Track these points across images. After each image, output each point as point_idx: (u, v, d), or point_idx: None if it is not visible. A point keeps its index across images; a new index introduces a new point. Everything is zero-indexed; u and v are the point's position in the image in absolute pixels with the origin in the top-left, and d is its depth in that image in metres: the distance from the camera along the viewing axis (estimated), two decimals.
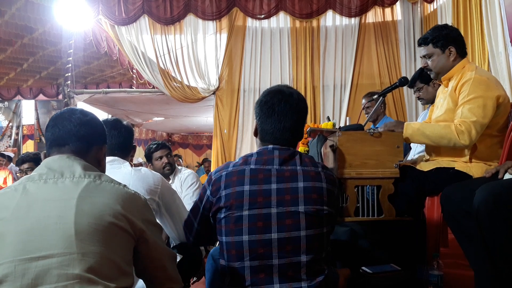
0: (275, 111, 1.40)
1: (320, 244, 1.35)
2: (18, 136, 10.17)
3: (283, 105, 1.41)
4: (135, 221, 1.08)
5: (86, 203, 1.02)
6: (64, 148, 1.15)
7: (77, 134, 1.16)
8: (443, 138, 1.90)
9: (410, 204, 1.99)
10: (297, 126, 1.44)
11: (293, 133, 1.43)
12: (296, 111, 1.42)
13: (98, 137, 1.23)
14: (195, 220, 1.45)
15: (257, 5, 6.03)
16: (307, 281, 1.31)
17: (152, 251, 1.15)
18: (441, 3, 5.29)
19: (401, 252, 1.90)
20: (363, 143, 1.93)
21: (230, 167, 1.39)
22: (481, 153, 1.95)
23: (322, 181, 1.37)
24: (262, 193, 1.33)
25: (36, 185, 1.05)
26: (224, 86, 6.09)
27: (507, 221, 1.43)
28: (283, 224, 1.31)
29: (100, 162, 1.24)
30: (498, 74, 3.85)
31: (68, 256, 0.95)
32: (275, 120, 1.40)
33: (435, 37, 2.03)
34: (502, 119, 1.97)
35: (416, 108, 5.79)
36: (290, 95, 1.43)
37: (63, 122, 1.16)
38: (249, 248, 1.30)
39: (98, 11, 5.86)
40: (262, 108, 1.43)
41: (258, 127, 1.46)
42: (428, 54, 2.06)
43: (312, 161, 1.42)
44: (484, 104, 1.87)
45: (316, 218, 1.34)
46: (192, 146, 14.92)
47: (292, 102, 1.42)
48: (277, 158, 1.38)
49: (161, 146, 3.30)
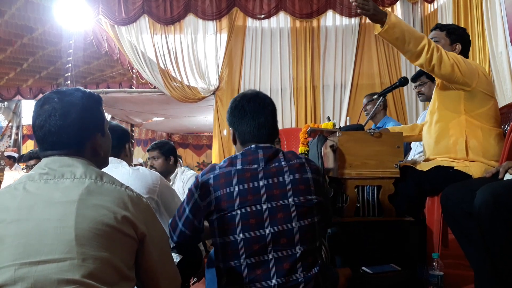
0: (246, 111, 1.47)
1: (312, 234, 1.37)
2: (18, 136, 10.18)
3: (252, 103, 1.48)
4: (137, 224, 1.05)
5: (87, 206, 1.00)
6: (56, 147, 1.10)
7: (64, 134, 1.10)
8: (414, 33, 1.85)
9: (410, 204, 1.99)
10: (271, 121, 1.49)
11: (270, 128, 1.48)
12: (265, 106, 1.49)
13: (88, 130, 1.15)
14: (180, 221, 1.46)
15: (257, 5, 6.03)
16: (303, 273, 1.32)
17: (148, 261, 1.11)
18: (441, 3, 5.29)
19: (401, 252, 1.90)
20: (363, 143, 1.93)
21: (216, 170, 1.41)
22: (476, 148, 1.96)
23: (307, 171, 1.42)
24: (251, 191, 1.35)
25: (36, 185, 1.03)
26: (224, 86, 6.09)
27: (507, 222, 1.43)
28: (275, 219, 1.33)
29: (97, 151, 1.17)
30: (499, 74, 3.85)
31: (68, 261, 0.94)
32: (249, 118, 1.47)
33: (452, 29, 2.10)
34: (491, 109, 1.99)
35: (416, 108, 5.79)
36: (256, 94, 1.51)
37: (48, 120, 1.09)
38: (244, 246, 1.32)
39: (98, 11, 5.86)
40: (233, 113, 1.50)
41: (235, 133, 1.51)
42: (437, 38, 2.10)
43: (294, 155, 1.47)
44: (464, 60, 1.92)
45: (307, 208, 1.37)
46: (192, 146, 14.92)
47: (259, 100, 1.49)
48: (261, 156, 1.42)
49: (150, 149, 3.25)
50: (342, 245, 1.92)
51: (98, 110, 1.20)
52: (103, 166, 1.21)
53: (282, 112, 5.98)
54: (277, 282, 1.30)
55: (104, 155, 1.22)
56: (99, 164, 1.19)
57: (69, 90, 1.16)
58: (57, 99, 1.12)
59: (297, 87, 5.99)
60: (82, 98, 1.15)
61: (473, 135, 1.96)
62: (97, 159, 1.18)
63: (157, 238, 1.14)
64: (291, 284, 1.31)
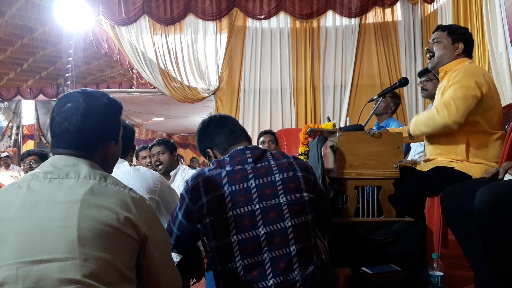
0: (210, 127, 1.57)
1: (307, 232, 1.37)
2: (18, 136, 10.18)
3: (214, 121, 1.58)
4: (139, 226, 1.06)
5: (90, 207, 1.00)
6: (70, 146, 1.11)
7: (81, 135, 1.11)
8: (429, 119, 1.95)
9: (410, 205, 2.00)
10: (239, 125, 1.57)
11: (241, 130, 1.55)
12: (226, 117, 1.60)
13: (104, 136, 1.17)
14: (174, 226, 1.47)
15: (257, 6, 6.03)
16: (299, 271, 1.32)
17: (149, 263, 1.11)
18: (441, 4, 5.30)
19: (401, 252, 1.90)
20: (363, 143, 1.93)
21: (205, 173, 1.41)
22: (477, 150, 1.95)
23: (297, 170, 1.42)
24: (243, 192, 1.35)
25: (40, 184, 1.03)
26: (224, 86, 6.09)
27: (507, 222, 1.43)
28: (268, 218, 1.33)
29: (107, 158, 1.19)
30: (499, 75, 3.85)
31: (70, 261, 0.94)
32: (217, 129, 1.54)
33: (453, 29, 2.11)
34: (495, 114, 1.97)
35: (416, 108, 5.79)
36: (213, 116, 1.63)
37: (68, 118, 1.10)
38: (239, 248, 1.31)
39: (98, 11, 5.86)
40: (201, 136, 1.58)
41: (212, 150, 1.55)
42: (439, 39, 2.12)
43: (282, 154, 1.48)
44: (467, 85, 1.90)
45: (299, 206, 1.37)
46: (192, 146, 14.92)
47: (217, 117, 1.60)
48: (250, 157, 1.43)
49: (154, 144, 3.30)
50: (342, 245, 1.92)
51: (117, 118, 1.22)
52: (107, 172, 1.21)
53: (282, 113, 5.99)
54: (274, 282, 1.30)
55: (113, 162, 1.24)
56: (105, 169, 1.18)
57: (96, 93, 1.17)
58: (82, 100, 1.12)
59: (297, 87, 6.00)
60: (106, 105, 1.17)
61: (475, 138, 1.94)
62: (105, 165, 1.18)
63: (159, 240, 1.14)
64: (288, 283, 1.31)
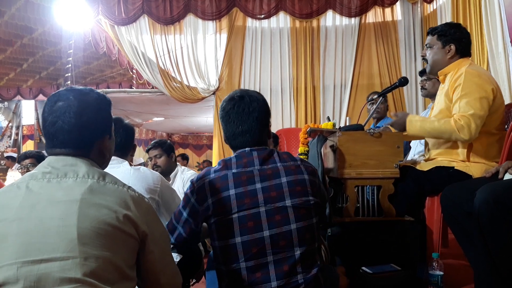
0: (230, 117, 1.45)
1: (311, 236, 1.37)
2: (18, 136, 10.17)
3: (237, 109, 1.45)
4: (139, 224, 1.06)
5: (89, 206, 1.01)
6: (66, 146, 1.11)
7: (76, 132, 1.11)
8: (444, 133, 1.93)
9: (410, 204, 1.99)
10: (256, 127, 1.45)
11: (253, 135, 1.44)
12: (249, 112, 1.44)
13: (99, 132, 1.17)
14: (178, 224, 1.46)
15: (257, 5, 6.03)
16: (303, 274, 1.32)
17: (149, 261, 1.12)
18: (440, 3, 5.30)
19: (401, 252, 1.90)
20: (363, 143, 1.93)
21: (211, 174, 1.40)
22: (479, 151, 1.96)
23: (303, 173, 1.41)
24: (248, 194, 1.35)
25: (39, 184, 1.04)
26: (224, 86, 6.08)
27: (507, 222, 1.43)
28: (273, 221, 1.33)
29: (103, 153, 1.19)
30: (498, 75, 3.85)
31: (71, 260, 0.94)
32: (233, 125, 1.45)
33: (442, 31, 2.09)
34: (499, 116, 1.98)
35: (416, 108, 5.79)
36: (241, 99, 1.46)
37: (61, 117, 1.10)
38: (243, 249, 1.32)
39: (98, 11, 5.86)
40: (221, 114, 1.49)
41: (224, 135, 1.52)
42: (430, 44, 2.12)
43: (289, 156, 1.46)
44: (480, 96, 1.89)
45: (304, 209, 1.37)
46: (192, 146, 14.93)
47: (244, 105, 1.45)
48: (256, 158, 1.41)
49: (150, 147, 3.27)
50: (342, 245, 1.92)
51: (109, 112, 1.21)
52: (104, 167, 1.22)
53: (282, 112, 5.99)
54: (277, 284, 1.29)
55: (109, 157, 1.24)
56: (102, 165, 1.19)
57: (84, 90, 1.17)
58: (73, 97, 1.12)
59: (297, 87, 5.99)
60: (97, 100, 1.16)
61: (478, 139, 1.93)
62: (101, 161, 1.19)
63: (159, 238, 1.14)
64: (292, 286, 1.31)
